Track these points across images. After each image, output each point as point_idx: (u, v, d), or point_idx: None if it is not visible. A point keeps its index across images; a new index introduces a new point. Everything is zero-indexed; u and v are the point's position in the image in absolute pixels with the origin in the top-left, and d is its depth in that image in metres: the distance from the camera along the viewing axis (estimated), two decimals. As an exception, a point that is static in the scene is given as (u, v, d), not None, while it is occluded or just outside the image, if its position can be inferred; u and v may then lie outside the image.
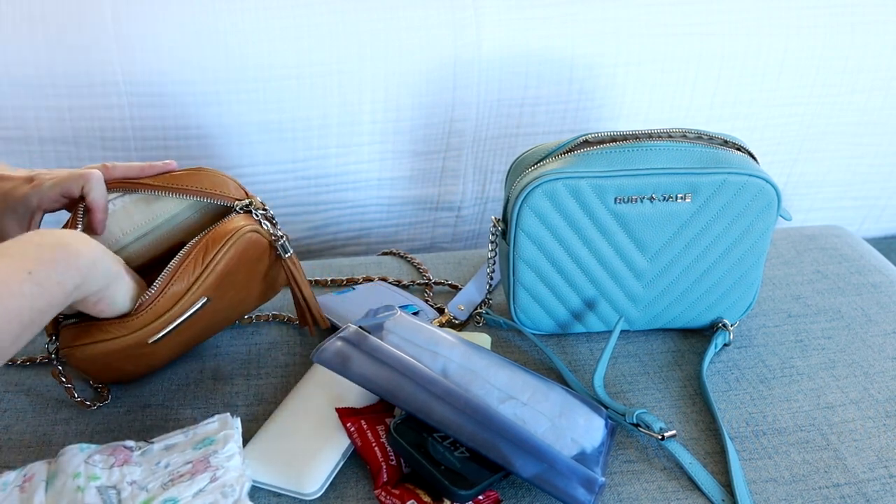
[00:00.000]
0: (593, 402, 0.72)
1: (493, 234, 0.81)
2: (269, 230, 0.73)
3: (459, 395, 0.66)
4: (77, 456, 0.62)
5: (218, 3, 0.99)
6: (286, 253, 0.75)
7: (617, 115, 1.12)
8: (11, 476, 0.62)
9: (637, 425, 0.71)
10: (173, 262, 0.69)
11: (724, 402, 0.76)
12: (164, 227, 0.74)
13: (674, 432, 0.70)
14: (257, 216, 0.73)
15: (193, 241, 0.70)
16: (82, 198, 0.70)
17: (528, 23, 1.05)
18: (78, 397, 0.74)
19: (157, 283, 0.68)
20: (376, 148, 1.09)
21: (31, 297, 0.54)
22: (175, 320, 0.69)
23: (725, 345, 0.82)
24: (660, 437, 0.69)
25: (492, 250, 0.83)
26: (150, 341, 0.69)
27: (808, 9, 1.10)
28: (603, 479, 0.64)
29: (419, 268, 0.94)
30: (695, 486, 0.67)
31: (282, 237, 0.74)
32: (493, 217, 0.81)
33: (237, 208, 0.73)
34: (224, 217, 0.73)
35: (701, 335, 0.84)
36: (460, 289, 0.90)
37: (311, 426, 0.69)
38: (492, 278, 0.85)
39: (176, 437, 0.66)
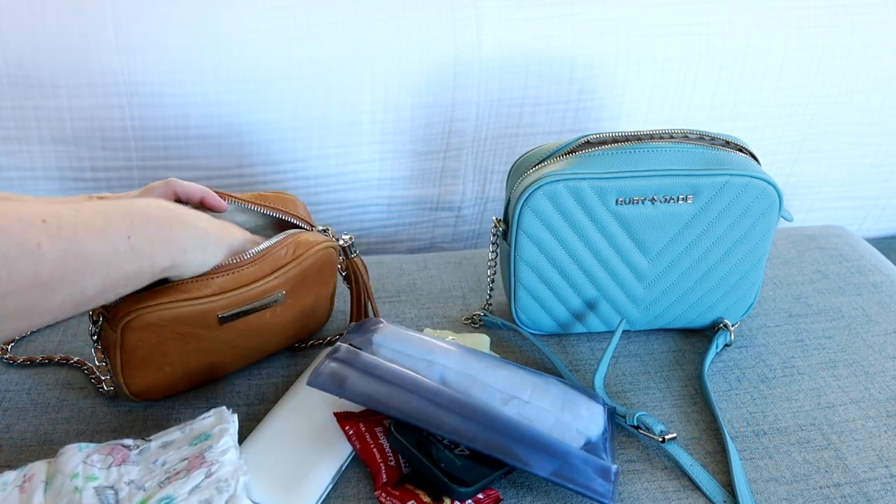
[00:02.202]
0: (589, 390, 0.72)
1: (494, 235, 0.81)
2: (340, 254, 0.79)
3: (466, 404, 0.65)
4: (76, 456, 0.62)
5: (218, 4, 0.99)
6: (352, 254, 0.81)
7: (617, 115, 1.12)
8: (12, 476, 0.62)
9: (637, 427, 0.70)
10: (267, 243, 0.72)
11: (725, 402, 0.76)
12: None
13: (674, 435, 0.70)
14: (330, 237, 0.78)
15: (284, 234, 0.74)
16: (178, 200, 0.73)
17: (528, 23, 1.05)
18: (101, 384, 0.74)
19: (248, 254, 0.70)
20: (376, 148, 1.09)
21: (123, 257, 0.57)
22: (251, 302, 0.70)
23: (726, 345, 0.82)
24: (660, 439, 0.69)
25: (493, 251, 0.83)
26: (220, 315, 0.69)
27: (808, 9, 1.10)
28: (616, 466, 0.64)
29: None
30: (696, 487, 0.67)
31: (349, 245, 0.80)
32: (494, 218, 0.81)
33: (316, 230, 0.78)
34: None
35: (702, 335, 0.84)
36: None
37: (302, 443, 0.68)
38: (492, 279, 0.85)
39: (173, 434, 0.66)
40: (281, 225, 0.78)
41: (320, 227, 0.78)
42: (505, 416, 0.65)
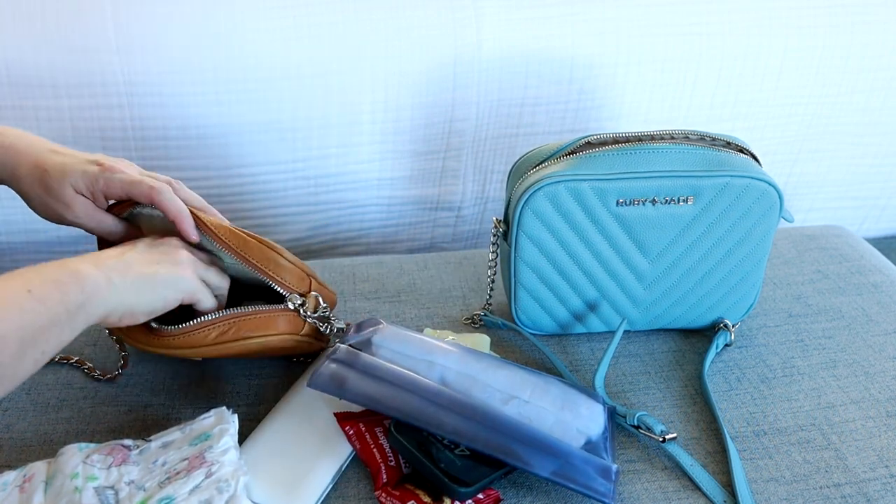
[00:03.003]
0: (589, 389, 0.72)
1: (494, 236, 0.81)
2: (311, 333, 0.73)
3: (466, 404, 0.65)
4: (76, 456, 0.62)
5: (218, 4, 0.99)
6: (327, 343, 0.75)
7: (617, 115, 1.12)
8: (11, 476, 0.62)
9: (638, 427, 0.70)
10: (203, 318, 0.67)
11: (725, 402, 0.76)
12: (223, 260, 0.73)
13: (674, 435, 0.70)
14: (305, 318, 0.72)
15: (233, 311, 0.68)
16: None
17: (528, 23, 1.05)
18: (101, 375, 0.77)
19: (185, 325, 0.67)
20: (376, 148, 1.09)
21: (31, 314, 0.54)
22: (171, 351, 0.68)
23: (727, 345, 0.82)
24: (661, 439, 0.69)
25: (493, 251, 0.83)
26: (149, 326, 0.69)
27: (808, 9, 1.10)
28: (616, 465, 0.64)
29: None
30: (696, 487, 0.67)
31: (326, 337, 0.73)
32: (494, 218, 0.81)
33: (289, 304, 0.71)
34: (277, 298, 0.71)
35: (702, 335, 0.84)
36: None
37: (302, 443, 0.68)
38: (493, 280, 0.85)
39: (173, 434, 0.65)
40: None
41: (297, 301, 0.71)
42: (505, 416, 0.65)
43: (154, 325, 0.67)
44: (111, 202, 0.72)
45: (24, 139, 0.71)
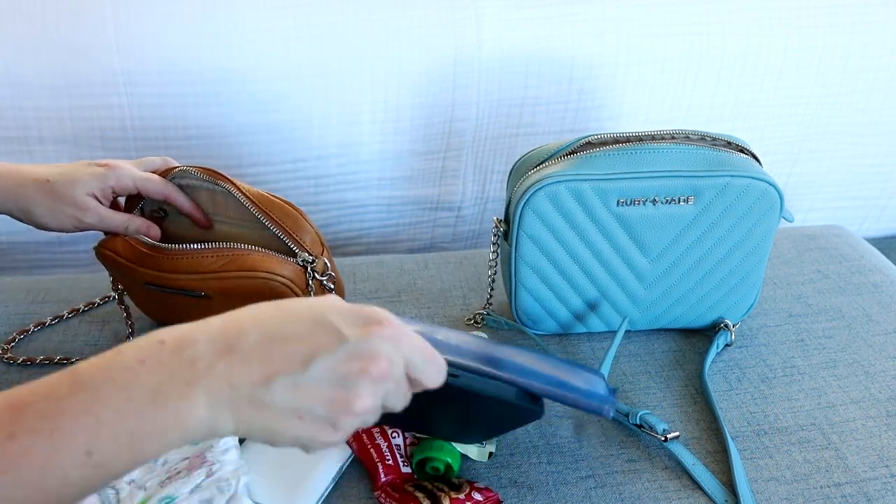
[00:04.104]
0: (589, 367, 0.71)
1: (494, 236, 0.81)
2: (311, 293, 0.73)
3: (471, 349, 0.62)
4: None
5: (218, 4, 0.99)
6: None
7: (617, 115, 1.12)
8: (13, 476, 0.61)
9: (640, 426, 0.71)
10: (212, 245, 0.72)
11: (726, 402, 0.76)
12: (251, 229, 0.75)
13: (677, 434, 0.70)
14: (310, 276, 0.73)
15: (241, 247, 0.72)
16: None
17: (528, 23, 1.05)
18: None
19: (190, 246, 0.71)
20: (376, 148, 1.09)
21: (78, 486, 0.39)
22: (171, 286, 0.72)
23: (727, 345, 0.82)
24: (663, 438, 0.69)
25: (493, 251, 0.83)
26: (145, 281, 0.72)
27: (808, 9, 1.10)
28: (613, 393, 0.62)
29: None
30: (697, 486, 0.67)
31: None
32: (494, 218, 0.81)
33: (298, 261, 0.73)
34: (288, 254, 0.73)
35: (702, 335, 0.84)
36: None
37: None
38: (493, 279, 0.85)
39: (174, 434, 0.66)
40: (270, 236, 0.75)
41: (308, 258, 0.73)
42: (506, 349, 0.63)
43: (163, 245, 0.72)
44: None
45: (11, 165, 0.72)
